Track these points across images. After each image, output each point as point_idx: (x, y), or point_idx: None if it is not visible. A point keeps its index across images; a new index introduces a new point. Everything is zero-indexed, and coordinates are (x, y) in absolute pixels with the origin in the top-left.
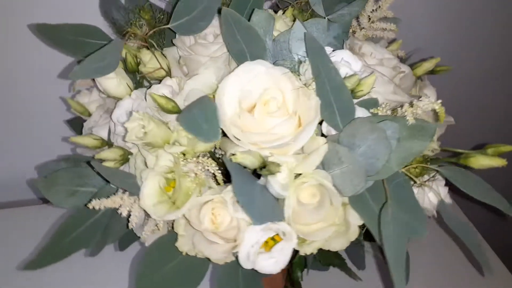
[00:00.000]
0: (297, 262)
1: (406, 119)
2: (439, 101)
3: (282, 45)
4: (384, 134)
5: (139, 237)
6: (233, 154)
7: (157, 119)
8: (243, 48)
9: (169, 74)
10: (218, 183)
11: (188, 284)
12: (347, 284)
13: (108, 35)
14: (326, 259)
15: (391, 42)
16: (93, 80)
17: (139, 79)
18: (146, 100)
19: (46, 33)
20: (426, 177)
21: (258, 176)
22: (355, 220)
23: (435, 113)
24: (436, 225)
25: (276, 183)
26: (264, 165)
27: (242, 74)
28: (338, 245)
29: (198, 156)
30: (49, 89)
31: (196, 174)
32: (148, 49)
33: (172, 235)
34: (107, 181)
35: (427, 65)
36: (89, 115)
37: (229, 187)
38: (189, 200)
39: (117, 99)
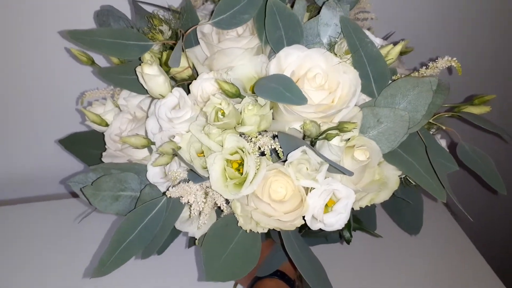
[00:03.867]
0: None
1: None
2: (454, 58)
3: (308, 31)
4: (429, 86)
5: (172, 241)
6: (305, 123)
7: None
8: (282, 35)
9: (194, 72)
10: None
11: (248, 262)
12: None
13: (144, 36)
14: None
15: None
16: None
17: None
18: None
19: (80, 38)
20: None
21: None
22: (392, 172)
23: None
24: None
25: (334, 146)
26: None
27: (283, 58)
28: (384, 196)
29: (260, 135)
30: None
31: (270, 147)
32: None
33: (223, 222)
34: (145, 184)
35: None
36: (106, 125)
37: (290, 160)
38: (259, 174)
39: (157, 99)
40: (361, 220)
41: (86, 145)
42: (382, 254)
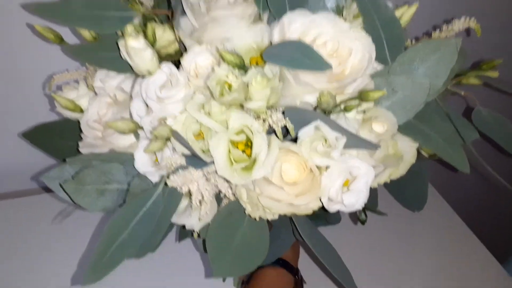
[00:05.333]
0: None
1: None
2: (472, 18)
3: None
4: (453, 48)
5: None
6: (322, 94)
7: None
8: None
9: (181, 47)
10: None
11: (258, 253)
12: None
13: (125, 5)
14: None
15: None
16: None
17: None
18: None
19: (49, 12)
20: None
21: None
22: (408, 144)
23: None
24: None
25: (350, 119)
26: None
27: (287, 24)
28: (402, 170)
29: (269, 110)
30: None
31: (285, 124)
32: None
33: (226, 211)
34: (131, 176)
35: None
36: (81, 111)
37: (302, 137)
38: (271, 155)
39: (143, 76)
40: None
41: (56, 136)
42: (384, 231)
